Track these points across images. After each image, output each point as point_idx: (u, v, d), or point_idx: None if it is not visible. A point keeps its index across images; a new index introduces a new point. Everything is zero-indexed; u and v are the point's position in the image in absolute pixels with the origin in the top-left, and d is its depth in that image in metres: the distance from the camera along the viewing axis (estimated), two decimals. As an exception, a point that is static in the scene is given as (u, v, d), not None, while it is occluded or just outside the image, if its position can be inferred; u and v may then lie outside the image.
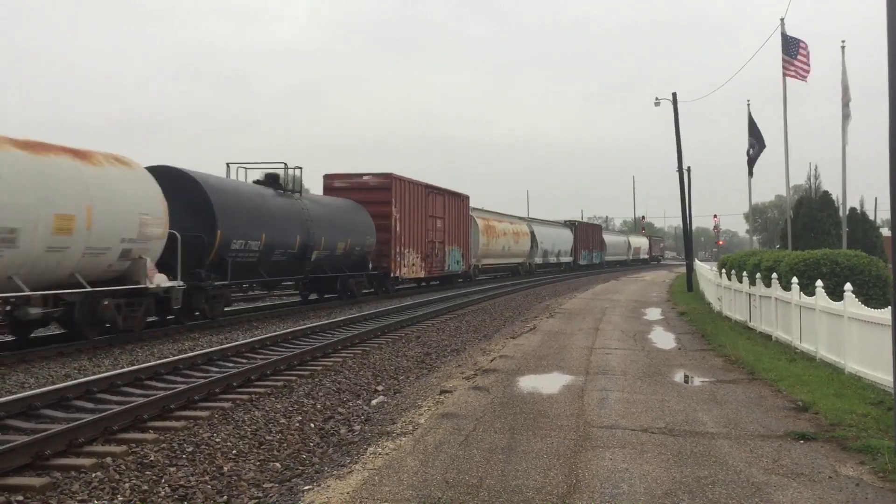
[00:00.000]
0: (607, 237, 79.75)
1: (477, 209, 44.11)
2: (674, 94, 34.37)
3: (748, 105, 27.96)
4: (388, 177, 29.04)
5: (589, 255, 69.71)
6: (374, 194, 28.54)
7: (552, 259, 59.20)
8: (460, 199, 38.39)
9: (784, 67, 22.08)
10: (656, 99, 35.67)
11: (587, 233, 70.89)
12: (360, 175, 29.31)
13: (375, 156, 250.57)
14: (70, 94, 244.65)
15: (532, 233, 53.09)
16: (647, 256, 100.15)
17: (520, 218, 55.08)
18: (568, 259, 63.35)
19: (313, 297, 25.94)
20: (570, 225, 66.77)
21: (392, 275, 28.87)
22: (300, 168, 24.60)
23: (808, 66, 21.73)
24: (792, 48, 21.87)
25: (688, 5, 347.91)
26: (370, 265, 27.26)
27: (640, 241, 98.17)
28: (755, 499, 5.48)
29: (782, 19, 22.29)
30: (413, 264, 30.86)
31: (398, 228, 29.28)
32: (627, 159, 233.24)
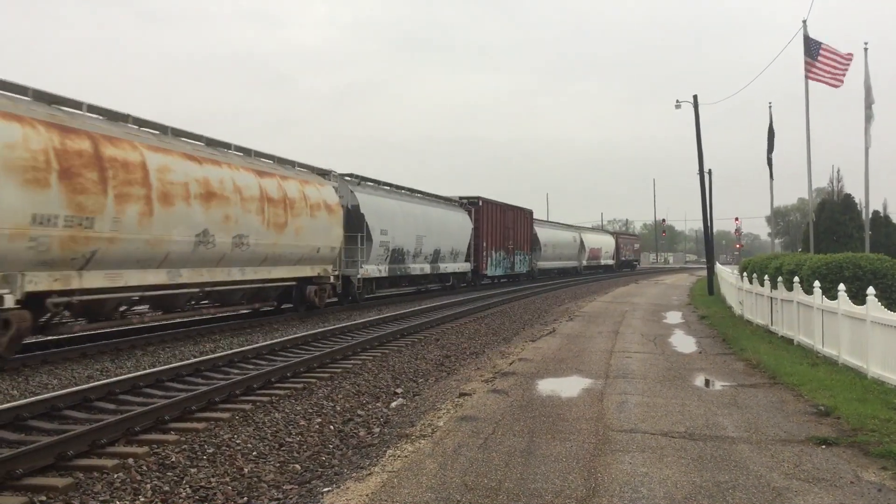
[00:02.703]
0: (543, 232, 50.28)
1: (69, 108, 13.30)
2: (694, 97, 34.10)
3: (770, 108, 27.81)
4: None
5: (507, 258, 41.33)
6: None
7: (420, 268, 30.32)
8: None
9: (806, 70, 21.93)
10: (677, 101, 35.35)
11: (504, 222, 40.78)
12: None
13: (397, 154, 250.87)
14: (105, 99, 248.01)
15: (354, 208, 24.86)
16: (611, 262, 71.49)
17: (315, 170, 22.80)
18: (461, 267, 35.07)
19: None
20: (469, 206, 36.64)
21: None
22: None
23: (835, 70, 21.47)
24: (814, 50, 21.71)
25: (710, 4, 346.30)
26: None
27: (601, 240, 69.74)
28: (776, 504, 5.44)
29: (804, 21, 22.16)
30: None
31: None
32: (649, 162, 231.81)
